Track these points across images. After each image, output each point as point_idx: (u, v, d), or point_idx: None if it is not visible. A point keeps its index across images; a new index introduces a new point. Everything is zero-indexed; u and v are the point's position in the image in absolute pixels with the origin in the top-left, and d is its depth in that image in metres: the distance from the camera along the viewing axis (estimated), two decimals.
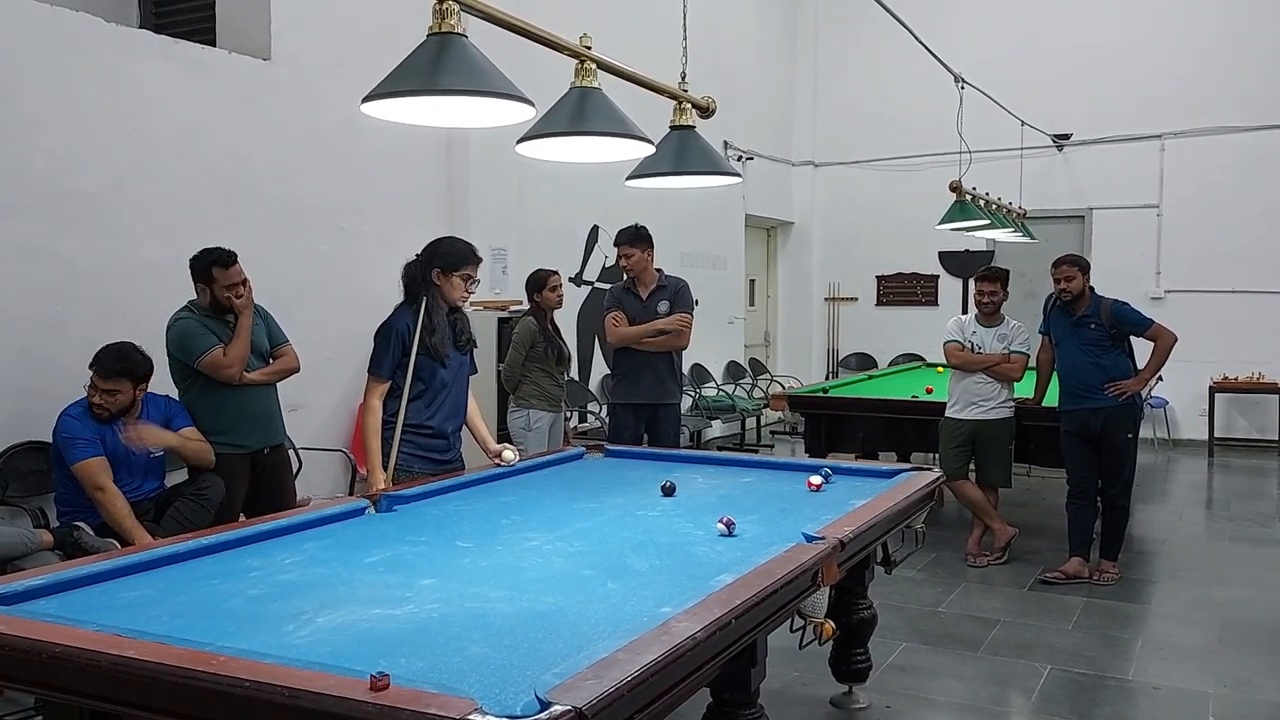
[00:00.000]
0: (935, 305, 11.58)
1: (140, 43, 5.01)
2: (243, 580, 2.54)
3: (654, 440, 5.54)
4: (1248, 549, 6.48)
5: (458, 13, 2.65)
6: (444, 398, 3.98)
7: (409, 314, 3.92)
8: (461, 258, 3.94)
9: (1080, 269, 5.51)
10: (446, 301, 3.96)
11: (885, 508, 3.30)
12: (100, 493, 3.91)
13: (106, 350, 4.08)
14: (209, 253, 4.32)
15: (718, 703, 2.47)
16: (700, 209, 9.59)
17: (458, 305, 4.04)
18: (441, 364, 3.93)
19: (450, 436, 4.06)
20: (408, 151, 6.47)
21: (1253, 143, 10.11)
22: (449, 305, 3.99)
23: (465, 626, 2.16)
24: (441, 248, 3.97)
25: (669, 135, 3.74)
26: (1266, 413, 10.19)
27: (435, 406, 3.97)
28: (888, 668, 4.27)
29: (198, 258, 4.33)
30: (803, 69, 12.22)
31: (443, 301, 3.96)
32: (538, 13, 3.39)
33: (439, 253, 3.95)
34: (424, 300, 3.91)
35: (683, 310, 5.64)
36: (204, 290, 4.33)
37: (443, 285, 3.93)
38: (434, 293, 3.93)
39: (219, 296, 4.30)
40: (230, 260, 4.31)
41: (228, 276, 4.30)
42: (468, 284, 3.97)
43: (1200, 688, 4.09)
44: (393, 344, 3.87)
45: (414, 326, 3.87)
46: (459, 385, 4.07)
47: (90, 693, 1.94)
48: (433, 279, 3.92)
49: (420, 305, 3.90)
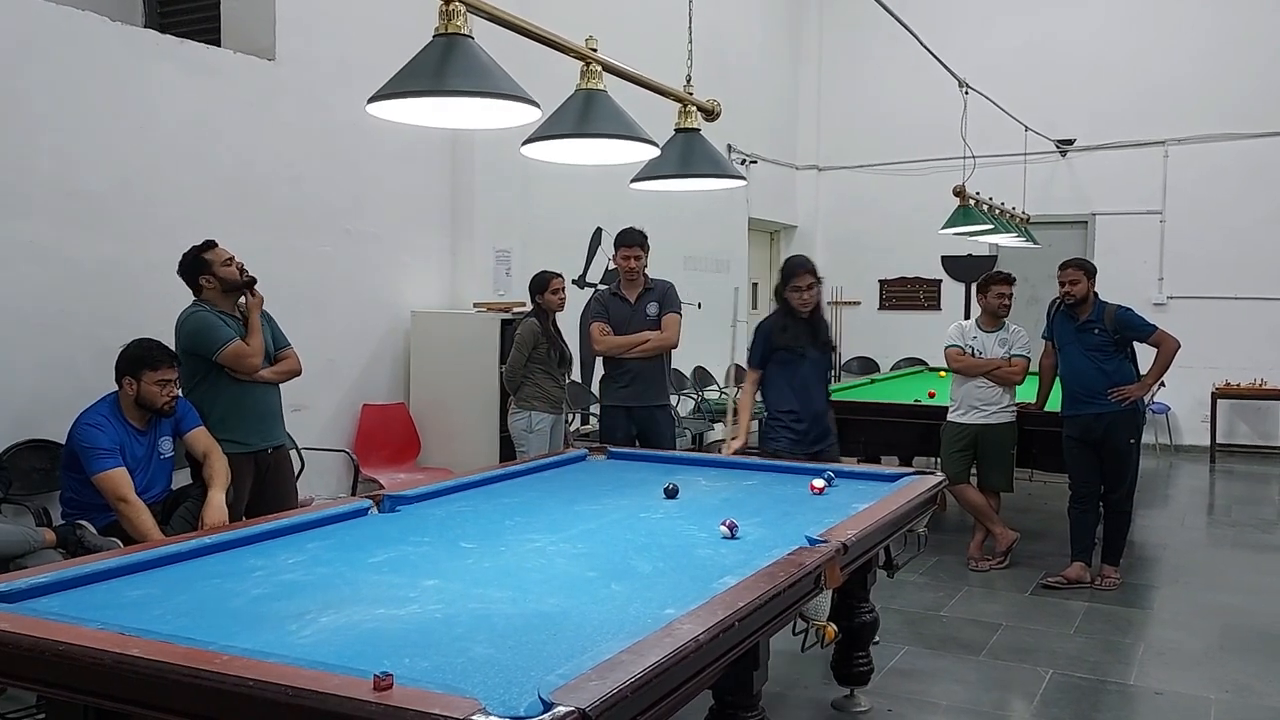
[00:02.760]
0: (938, 310, 11.58)
1: (145, 42, 5.01)
2: (246, 580, 2.54)
3: (650, 443, 5.51)
4: (1249, 555, 6.47)
5: (464, 14, 2.65)
6: (786, 384, 4.90)
7: (772, 316, 5.05)
8: (788, 270, 4.94)
9: (1086, 273, 5.51)
10: (794, 307, 4.88)
11: (888, 511, 3.30)
12: (124, 504, 3.86)
13: (138, 346, 4.05)
14: (189, 250, 4.37)
15: (720, 705, 2.47)
16: (704, 212, 9.59)
17: (799, 311, 4.88)
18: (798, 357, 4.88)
19: (805, 418, 4.88)
20: (413, 153, 6.48)
21: (1256, 149, 10.12)
22: (795, 309, 4.88)
23: (469, 627, 2.16)
24: (786, 268, 4.95)
25: (673, 138, 3.74)
26: (1269, 419, 10.19)
27: (780, 393, 4.90)
28: (889, 671, 4.26)
29: (184, 259, 4.36)
30: (807, 73, 12.23)
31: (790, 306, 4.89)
32: (543, 15, 3.39)
33: (783, 271, 4.98)
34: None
35: (671, 311, 5.65)
36: (209, 281, 4.34)
37: (790, 296, 4.88)
38: (784, 300, 4.89)
39: (224, 276, 4.32)
40: (212, 243, 4.39)
41: (218, 255, 4.35)
42: (802, 293, 4.84)
43: (1202, 693, 4.09)
44: (758, 343, 4.99)
45: (773, 326, 4.96)
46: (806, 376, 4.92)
47: (93, 691, 1.94)
48: (785, 291, 4.89)
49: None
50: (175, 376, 4.08)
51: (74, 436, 3.99)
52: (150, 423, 4.12)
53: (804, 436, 4.85)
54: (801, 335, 4.87)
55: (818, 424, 4.90)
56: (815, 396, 4.92)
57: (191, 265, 4.36)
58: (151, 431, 4.13)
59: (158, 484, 4.19)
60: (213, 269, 4.32)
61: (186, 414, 4.23)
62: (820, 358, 4.97)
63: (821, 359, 4.97)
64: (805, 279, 4.85)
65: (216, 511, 4.01)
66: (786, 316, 4.93)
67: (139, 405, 4.04)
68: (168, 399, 4.06)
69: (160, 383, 4.02)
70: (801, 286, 4.84)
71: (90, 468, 3.90)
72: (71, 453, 3.99)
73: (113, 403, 4.07)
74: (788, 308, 4.91)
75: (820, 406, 4.95)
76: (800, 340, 4.86)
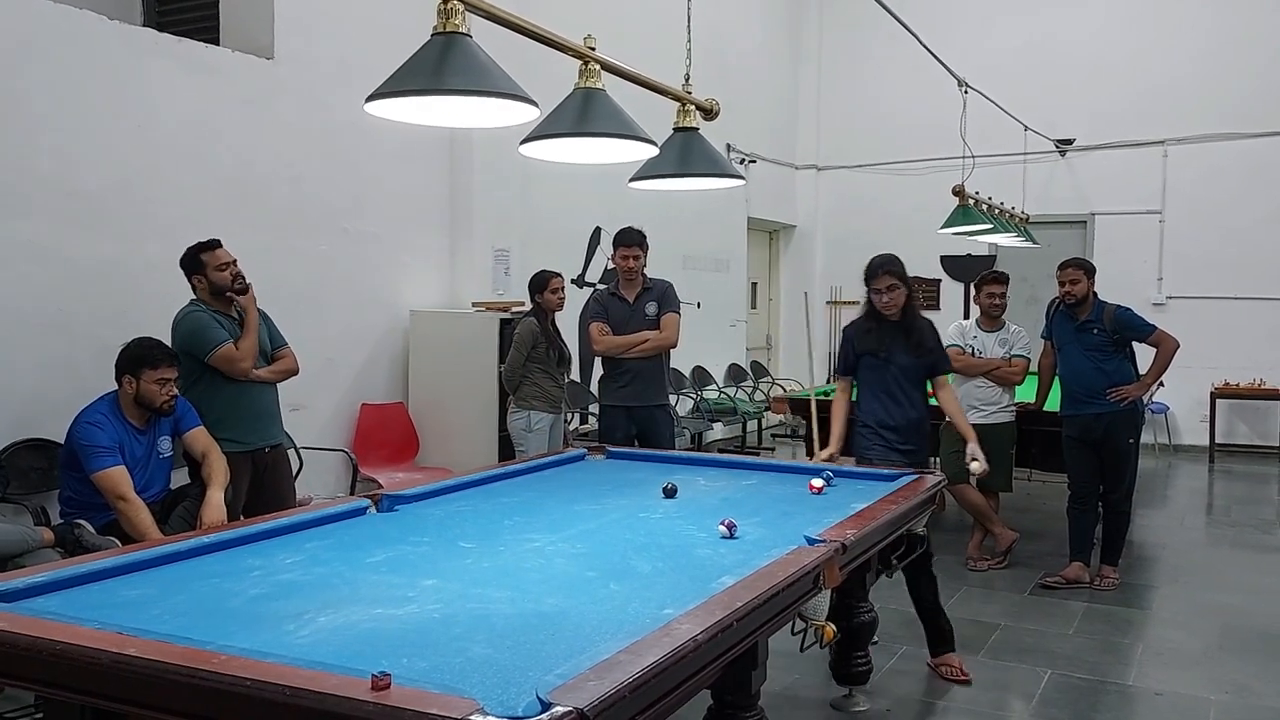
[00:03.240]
0: (937, 309, 11.57)
1: (144, 41, 5.01)
2: (244, 579, 2.54)
3: (649, 442, 5.50)
4: (1248, 555, 6.48)
5: (462, 12, 2.65)
6: (874, 391, 4.60)
7: (858, 319, 4.77)
8: (869, 271, 4.62)
9: (1086, 273, 5.51)
10: (879, 309, 4.60)
11: (887, 511, 3.30)
12: (123, 503, 3.86)
13: (137, 345, 4.06)
14: (192, 246, 4.39)
15: (719, 704, 2.47)
16: (703, 211, 9.59)
17: (882, 313, 4.58)
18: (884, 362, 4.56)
19: (896, 426, 4.55)
20: (412, 152, 6.48)
21: (1256, 149, 10.12)
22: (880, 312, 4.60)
23: (467, 627, 2.16)
24: (867, 268, 4.66)
25: (672, 137, 3.74)
26: (1268, 419, 10.19)
27: (869, 399, 4.61)
28: (888, 671, 4.27)
29: (184, 254, 4.39)
30: (806, 72, 12.24)
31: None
32: (542, 13, 3.38)
33: (865, 271, 4.71)
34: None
35: (670, 311, 5.65)
36: (200, 281, 4.35)
37: (874, 299, 4.60)
38: (869, 302, 4.65)
39: (214, 280, 4.33)
40: (214, 244, 4.38)
41: (216, 258, 4.35)
42: (883, 295, 4.52)
43: (1201, 693, 4.09)
44: (843, 347, 4.76)
45: (857, 329, 4.72)
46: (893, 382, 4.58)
47: (91, 691, 1.93)
48: (869, 293, 4.64)
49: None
50: (174, 376, 4.08)
51: (73, 435, 3.98)
52: (149, 422, 4.12)
53: (894, 444, 4.52)
54: (886, 339, 4.55)
55: (909, 432, 4.55)
56: (904, 403, 4.54)
57: (188, 262, 4.38)
58: (150, 430, 4.13)
59: (156, 483, 4.19)
60: (205, 270, 4.33)
61: (185, 413, 4.23)
62: (912, 363, 4.54)
63: (914, 364, 4.54)
64: (884, 281, 4.49)
65: (215, 511, 4.01)
66: (871, 319, 4.62)
67: (138, 404, 4.04)
68: (167, 398, 4.06)
69: (160, 382, 4.02)
70: (882, 289, 4.50)
71: (89, 466, 3.89)
72: (70, 451, 3.99)
73: (112, 401, 4.06)
74: (873, 310, 4.60)
75: (912, 414, 4.56)
76: (884, 344, 4.54)
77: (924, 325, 4.62)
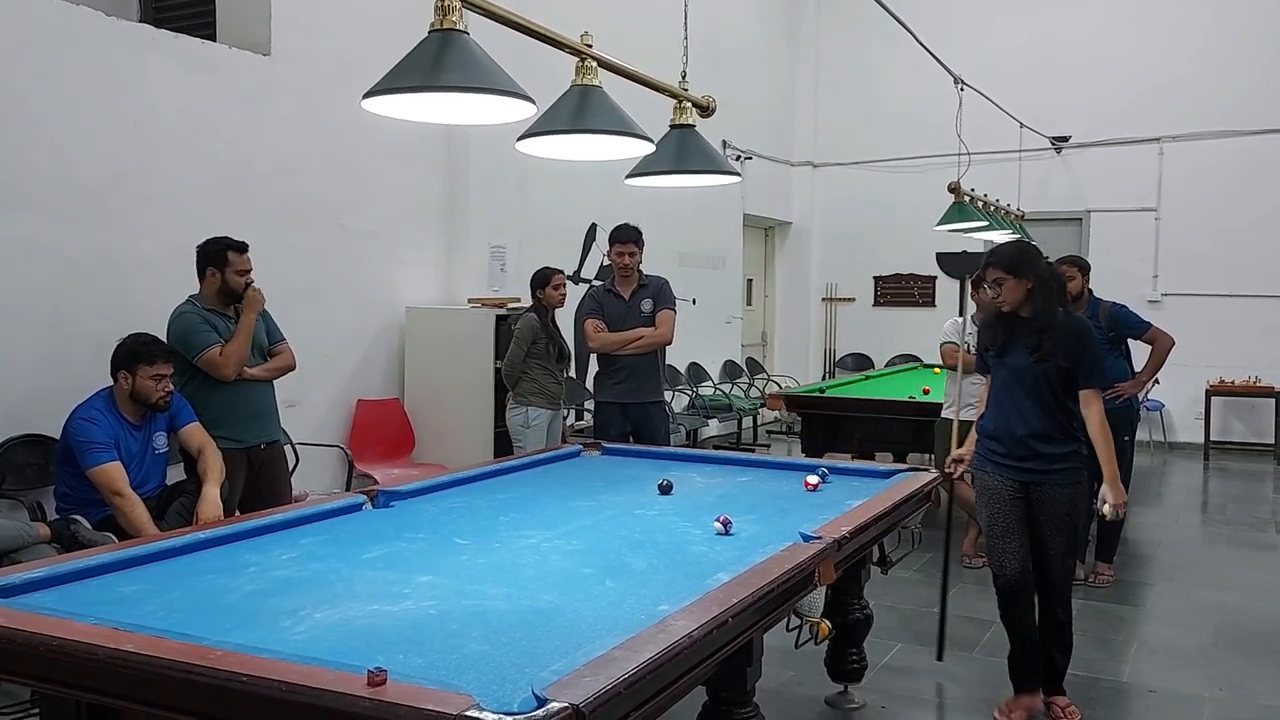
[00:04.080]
0: (933, 306, 11.60)
1: (140, 37, 5.00)
2: (240, 575, 2.54)
3: (645, 439, 5.50)
4: (1243, 552, 6.49)
5: (459, 10, 2.65)
6: (991, 391, 3.96)
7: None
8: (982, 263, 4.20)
9: (1081, 270, 5.51)
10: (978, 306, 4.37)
11: (882, 508, 3.31)
12: (119, 498, 3.86)
13: (134, 341, 4.05)
14: (223, 238, 4.38)
15: (714, 701, 2.48)
16: (699, 208, 9.59)
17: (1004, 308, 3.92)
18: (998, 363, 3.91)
19: (995, 435, 3.88)
20: (408, 149, 6.47)
21: (1251, 146, 10.13)
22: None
23: (463, 623, 2.16)
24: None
25: (669, 134, 3.74)
26: (1262, 416, 10.21)
27: (989, 400, 3.97)
28: (883, 668, 4.27)
29: (211, 242, 4.38)
30: (803, 69, 12.23)
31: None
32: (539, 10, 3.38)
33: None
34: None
35: (666, 308, 5.65)
36: (214, 275, 4.34)
37: (978, 297, 4.51)
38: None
39: (230, 281, 4.33)
40: (244, 246, 4.40)
41: (242, 262, 4.37)
42: (985, 289, 3.99)
43: (1195, 691, 4.10)
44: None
45: (983, 321, 4.37)
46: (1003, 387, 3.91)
47: (87, 686, 1.94)
48: (970, 289, 4.53)
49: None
50: (170, 371, 4.08)
51: (69, 431, 3.98)
52: (145, 418, 4.12)
53: (1003, 462, 3.83)
54: (1003, 335, 3.84)
55: (1020, 449, 3.78)
56: (1012, 413, 3.79)
57: (213, 255, 4.36)
58: (146, 426, 4.13)
59: (152, 479, 4.19)
60: (226, 268, 4.33)
61: (181, 409, 4.22)
62: (1028, 366, 3.73)
63: (1029, 369, 3.73)
64: (991, 274, 3.80)
65: (211, 507, 4.01)
66: (997, 313, 3.93)
67: (134, 400, 4.04)
68: (163, 394, 4.06)
69: (155, 377, 4.02)
70: (987, 281, 3.86)
71: (85, 462, 3.89)
72: (66, 447, 3.99)
73: (108, 397, 4.06)
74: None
75: (1023, 428, 3.76)
76: (999, 340, 3.86)
77: (1063, 327, 3.74)
